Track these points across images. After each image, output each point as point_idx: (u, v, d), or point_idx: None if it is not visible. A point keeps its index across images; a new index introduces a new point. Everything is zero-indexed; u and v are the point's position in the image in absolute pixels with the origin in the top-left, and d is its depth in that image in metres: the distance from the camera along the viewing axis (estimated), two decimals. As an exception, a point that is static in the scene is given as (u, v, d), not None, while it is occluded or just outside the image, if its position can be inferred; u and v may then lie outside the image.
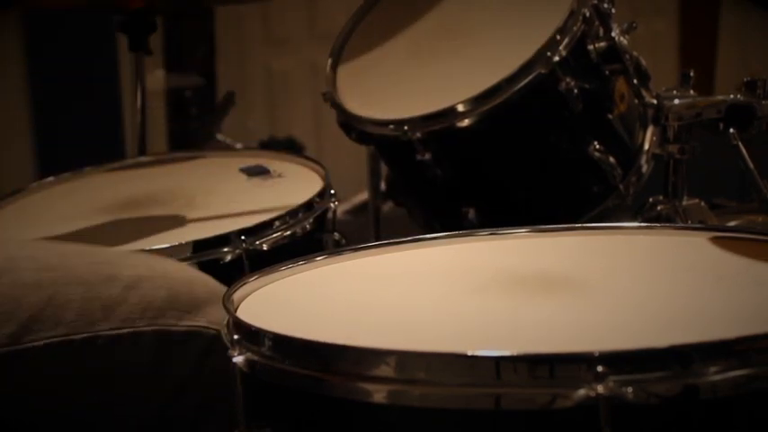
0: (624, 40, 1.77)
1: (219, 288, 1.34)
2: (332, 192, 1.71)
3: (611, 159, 1.81)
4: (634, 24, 1.79)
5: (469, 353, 0.98)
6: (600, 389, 0.94)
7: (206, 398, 1.29)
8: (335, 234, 1.69)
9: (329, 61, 1.93)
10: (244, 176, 1.81)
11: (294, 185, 1.75)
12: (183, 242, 1.54)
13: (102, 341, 1.26)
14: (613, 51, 1.77)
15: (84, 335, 1.25)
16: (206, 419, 1.30)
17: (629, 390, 0.95)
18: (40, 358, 1.24)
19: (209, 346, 1.28)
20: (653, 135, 1.88)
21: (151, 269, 1.32)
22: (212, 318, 1.29)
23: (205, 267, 1.53)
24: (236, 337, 1.10)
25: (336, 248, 1.54)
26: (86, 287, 1.27)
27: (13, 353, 1.22)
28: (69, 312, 1.25)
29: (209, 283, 1.34)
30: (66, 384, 1.26)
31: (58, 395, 1.26)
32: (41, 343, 1.23)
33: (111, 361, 1.27)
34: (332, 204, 1.70)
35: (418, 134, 1.75)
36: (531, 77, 1.73)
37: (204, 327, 1.29)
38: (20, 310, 1.23)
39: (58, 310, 1.25)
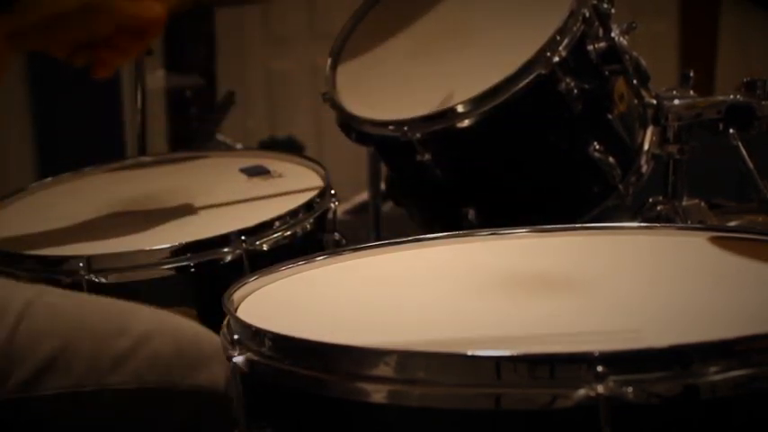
0: (624, 41, 1.77)
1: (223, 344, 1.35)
2: (332, 192, 1.71)
3: (611, 159, 1.81)
4: (634, 25, 1.79)
5: (469, 353, 0.98)
6: (600, 389, 0.94)
7: None
8: (336, 234, 1.69)
9: (329, 61, 1.93)
10: (244, 176, 1.80)
11: (294, 185, 1.75)
12: (184, 242, 1.54)
13: (109, 394, 1.27)
14: (613, 52, 1.76)
15: (93, 387, 1.27)
16: None
17: (630, 390, 0.95)
18: (49, 407, 1.25)
19: (212, 401, 1.29)
20: (653, 135, 1.88)
21: (160, 323, 1.34)
22: (216, 374, 1.29)
23: (205, 267, 1.53)
24: (236, 336, 1.10)
25: (336, 248, 1.54)
26: (97, 338, 1.29)
27: (24, 400, 1.24)
28: (79, 363, 1.27)
29: (214, 340, 1.35)
30: None
31: None
32: (51, 393, 1.25)
33: (116, 414, 1.28)
34: (332, 204, 1.70)
35: (418, 135, 1.75)
36: (530, 78, 1.73)
37: (207, 385, 1.30)
38: (33, 357, 1.25)
39: (69, 360, 1.27)
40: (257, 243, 1.56)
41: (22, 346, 1.25)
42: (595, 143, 1.80)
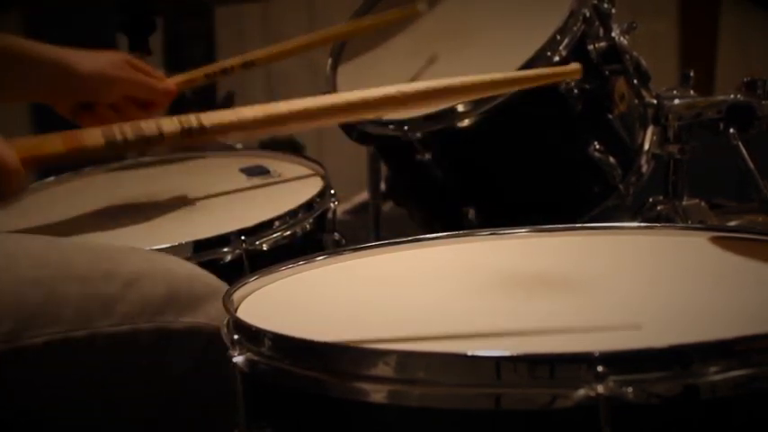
0: (624, 41, 1.77)
1: (219, 284, 1.34)
2: (332, 192, 1.71)
3: (611, 159, 1.81)
4: (634, 24, 1.79)
5: (469, 353, 0.98)
6: (600, 389, 0.94)
7: (206, 394, 1.29)
8: (335, 234, 1.69)
9: (329, 61, 1.93)
10: (244, 177, 1.80)
11: (294, 185, 1.75)
12: (184, 242, 1.54)
13: (101, 339, 1.26)
14: (613, 51, 1.77)
15: (83, 332, 1.25)
16: (206, 415, 1.30)
17: (629, 390, 0.95)
18: (39, 356, 1.23)
19: (208, 342, 1.28)
20: (653, 135, 1.88)
21: (151, 265, 1.32)
22: (212, 314, 1.29)
23: (205, 267, 1.53)
24: (236, 336, 1.10)
25: (336, 248, 1.54)
26: (85, 284, 1.27)
27: (12, 351, 1.22)
28: (68, 309, 1.25)
29: (209, 280, 1.34)
30: (66, 382, 1.26)
31: (57, 393, 1.26)
32: (40, 341, 1.23)
33: (110, 358, 1.27)
34: (332, 204, 1.70)
35: (418, 134, 1.75)
36: (531, 78, 1.72)
37: (203, 324, 1.29)
38: (18, 307, 1.23)
39: (56, 307, 1.24)
40: (257, 243, 1.56)
41: (5, 298, 1.23)
42: (596, 143, 1.80)
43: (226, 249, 1.55)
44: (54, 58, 1.67)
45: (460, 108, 1.74)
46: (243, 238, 1.55)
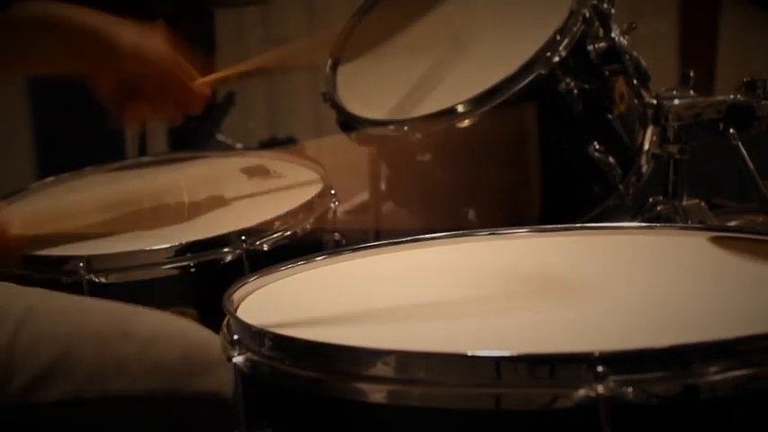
0: (624, 41, 1.77)
1: None
2: (332, 192, 1.71)
3: (611, 159, 1.80)
4: (634, 25, 1.79)
5: (469, 353, 0.98)
6: (600, 389, 0.94)
7: None
8: (336, 234, 1.69)
9: (329, 62, 1.92)
10: (244, 177, 1.80)
11: (294, 185, 1.75)
12: (184, 242, 1.54)
13: (114, 399, 1.25)
14: (613, 52, 1.76)
15: (96, 392, 1.25)
16: None
17: (630, 390, 0.95)
18: (51, 413, 1.23)
19: (218, 409, 1.27)
20: (653, 135, 1.88)
21: (167, 328, 1.32)
22: (224, 380, 1.28)
23: (206, 267, 1.53)
24: (235, 337, 1.10)
25: (336, 249, 1.54)
26: (101, 343, 1.27)
27: (24, 407, 1.22)
28: (82, 368, 1.25)
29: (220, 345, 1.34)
30: None
31: None
32: (53, 398, 1.23)
33: (121, 419, 1.26)
34: (332, 204, 1.70)
35: (418, 135, 1.75)
36: (530, 78, 1.72)
37: (216, 390, 1.29)
38: (34, 363, 1.23)
39: (71, 365, 1.24)
40: (257, 243, 1.56)
41: (22, 352, 1.23)
42: (595, 143, 1.80)
43: (226, 249, 1.55)
44: (94, 25, 1.58)
45: (460, 108, 1.74)
46: (243, 238, 1.55)
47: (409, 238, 1.36)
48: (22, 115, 3.20)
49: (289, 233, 1.61)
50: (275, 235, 1.59)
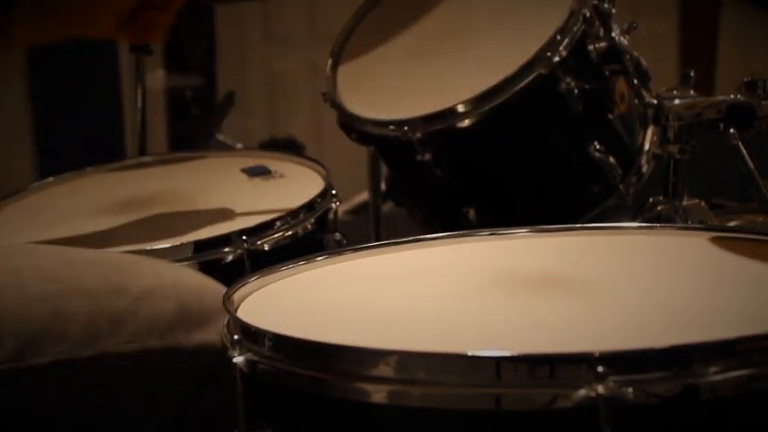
0: (624, 41, 1.77)
1: None
2: (333, 192, 1.71)
3: (612, 159, 1.81)
4: (634, 24, 1.79)
5: (470, 353, 0.98)
6: (600, 389, 0.94)
7: (213, 409, 1.27)
8: (336, 234, 1.69)
9: (329, 61, 1.93)
10: (245, 177, 1.81)
11: (295, 185, 1.75)
12: (185, 242, 1.54)
13: (109, 358, 1.23)
14: (614, 51, 1.77)
15: (90, 351, 1.22)
16: (213, 430, 1.29)
17: (630, 390, 0.95)
18: (44, 376, 1.20)
19: (216, 358, 1.26)
20: (653, 135, 1.88)
21: (161, 279, 1.29)
22: (221, 329, 1.27)
23: (206, 267, 1.53)
24: (236, 337, 1.10)
25: (337, 249, 1.54)
26: (93, 299, 1.24)
27: (17, 370, 1.19)
28: (75, 327, 1.21)
29: (220, 293, 1.33)
30: (71, 401, 1.23)
31: (62, 412, 1.23)
32: (45, 360, 1.20)
33: (117, 377, 1.24)
34: (333, 205, 1.70)
35: (418, 134, 1.75)
36: (531, 78, 1.73)
37: (213, 340, 1.26)
38: (24, 324, 1.20)
39: (63, 324, 1.21)
40: (258, 243, 1.56)
41: (11, 315, 1.20)
42: (596, 143, 1.80)
43: (227, 249, 1.55)
44: None
45: (460, 108, 1.74)
46: (244, 238, 1.55)
47: (410, 239, 1.36)
48: (22, 115, 3.20)
49: (290, 233, 1.61)
50: (276, 235, 1.59)
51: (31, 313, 1.21)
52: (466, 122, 1.75)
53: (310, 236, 1.64)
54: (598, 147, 1.80)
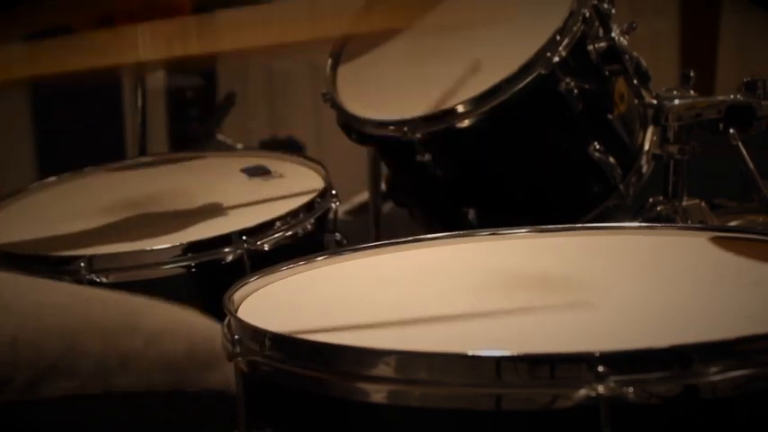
0: (624, 41, 1.77)
1: None
2: (333, 192, 1.71)
3: (612, 160, 1.81)
4: (634, 25, 1.79)
5: (470, 353, 0.98)
6: (600, 389, 0.94)
7: None
8: (336, 234, 1.69)
9: (329, 62, 1.93)
10: (245, 177, 1.81)
11: (295, 186, 1.75)
12: (185, 242, 1.54)
13: (117, 396, 1.25)
14: (613, 52, 1.77)
15: (99, 389, 1.24)
16: None
17: (630, 390, 0.95)
18: (54, 409, 1.23)
19: (222, 404, 1.27)
20: (653, 135, 1.88)
21: (173, 322, 1.31)
22: (228, 374, 1.28)
23: (206, 267, 1.53)
24: (236, 337, 1.10)
25: (337, 249, 1.54)
26: (106, 338, 1.26)
27: (27, 402, 1.22)
28: (87, 363, 1.24)
29: None
30: None
31: None
32: (56, 394, 1.22)
33: (124, 414, 1.26)
34: (333, 205, 1.70)
35: (418, 135, 1.75)
36: (531, 78, 1.73)
37: (220, 386, 1.28)
38: (39, 357, 1.23)
39: (76, 360, 1.24)
40: (258, 243, 1.56)
41: (28, 347, 1.23)
42: (596, 143, 1.80)
43: (227, 249, 1.55)
44: None
45: (461, 108, 1.74)
46: (244, 238, 1.55)
47: (410, 239, 1.36)
48: (23, 116, 3.20)
49: (290, 233, 1.61)
50: (276, 235, 1.59)
51: (48, 348, 1.23)
52: (466, 123, 1.75)
53: (310, 236, 1.64)
54: (598, 147, 1.80)
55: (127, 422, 1.27)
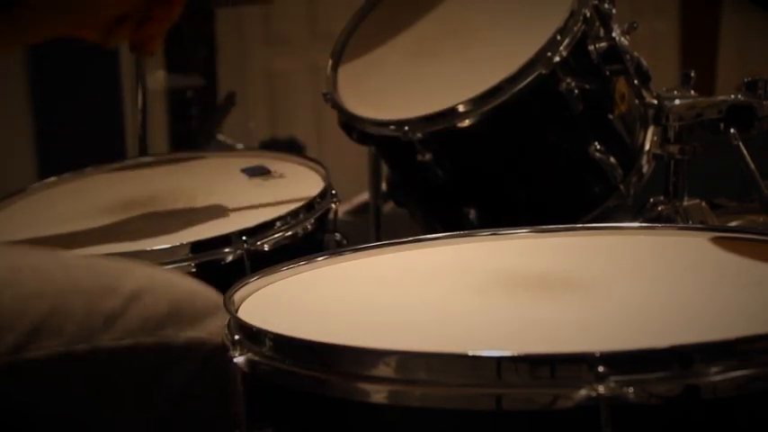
0: (625, 41, 1.77)
1: (220, 300, 1.34)
2: (333, 192, 1.71)
3: (612, 160, 1.81)
4: (635, 24, 1.79)
5: (470, 353, 0.98)
6: (601, 389, 0.94)
7: (205, 407, 1.29)
8: (337, 234, 1.69)
9: (330, 62, 1.93)
10: (245, 177, 1.80)
11: (295, 185, 1.75)
12: (185, 242, 1.54)
13: (103, 352, 1.26)
14: (614, 52, 1.76)
15: (85, 346, 1.25)
16: (205, 428, 1.30)
17: (630, 390, 0.95)
18: (42, 369, 1.23)
19: (208, 356, 1.28)
20: (654, 135, 1.88)
21: (153, 281, 1.32)
22: (212, 330, 1.28)
23: (206, 268, 1.53)
24: (236, 337, 1.10)
25: (337, 249, 1.54)
26: (88, 298, 1.27)
27: (15, 363, 1.22)
28: (70, 324, 1.25)
29: (209, 295, 1.34)
30: (67, 394, 1.26)
31: (58, 405, 1.26)
32: (42, 354, 1.23)
33: (111, 372, 1.27)
34: (333, 205, 1.70)
35: (419, 135, 1.75)
36: (531, 78, 1.73)
37: (204, 338, 1.29)
38: (22, 320, 1.23)
39: (59, 321, 1.25)
40: (258, 243, 1.56)
41: (9, 311, 1.23)
42: (596, 143, 1.80)
43: (227, 250, 1.55)
44: None
45: (461, 108, 1.74)
46: (244, 238, 1.55)
47: (410, 239, 1.36)
48: (22, 115, 3.20)
49: (290, 233, 1.61)
50: (276, 235, 1.59)
51: (30, 310, 1.23)
52: (466, 122, 1.74)
53: (310, 236, 1.64)
54: (598, 147, 1.80)
55: (115, 378, 1.27)
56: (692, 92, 1.74)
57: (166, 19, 1.55)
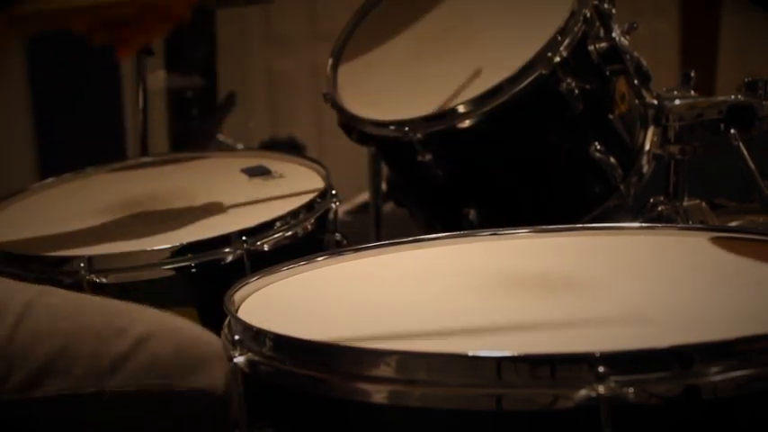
0: (625, 41, 1.77)
1: (221, 346, 1.36)
2: (333, 192, 1.71)
3: (612, 160, 1.81)
4: (635, 25, 1.79)
5: (470, 353, 0.98)
6: (601, 389, 0.94)
7: None
8: (337, 234, 1.69)
9: (330, 62, 1.93)
10: (245, 177, 1.80)
11: (295, 186, 1.75)
12: (185, 242, 1.54)
13: (109, 396, 1.27)
14: (614, 52, 1.76)
15: (92, 389, 1.26)
16: None
17: (631, 390, 0.95)
18: (48, 408, 1.25)
19: (210, 404, 1.29)
20: (654, 135, 1.88)
21: (160, 325, 1.33)
22: (215, 376, 1.30)
23: (206, 268, 1.53)
24: (236, 337, 1.10)
25: (337, 249, 1.54)
26: (98, 340, 1.28)
27: (23, 402, 1.24)
28: (79, 365, 1.27)
29: (211, 340, 1.35)
30: None
31: None
32: (51, 393, 1.25)
33: (116, 414, 1.28)
34: (333, 205, 1.70)
35: (419, 135, 1.75)
36: (532, 78, 1.73)
37: (208, 386, 1.30)
38: (33, 358, 1.26)
39: (68, 361, 1.27)
40: (258, 243, 1.56)
41: (21, 347, 1.25)
42: (597, 143, 1.80)
43: (227, 250, 1.55)
44: None
45: (461, 108, 1.74)
46: (244, 238, 1.55)
47: (410, 239, 1.36)
48: (22, 116, 3.20)
49: (290, 233, 1.61)
50: (276, 235, 1.59)
51: (41, 349, 1.25)
52: (467, 123, 1.74)
53: (310, 236, 1.64)
54: (599, 147, 1.80)
55: (120, 421, 1.28)
56: (693, 92, 1.74)
57: (152, 31, 1.54)
